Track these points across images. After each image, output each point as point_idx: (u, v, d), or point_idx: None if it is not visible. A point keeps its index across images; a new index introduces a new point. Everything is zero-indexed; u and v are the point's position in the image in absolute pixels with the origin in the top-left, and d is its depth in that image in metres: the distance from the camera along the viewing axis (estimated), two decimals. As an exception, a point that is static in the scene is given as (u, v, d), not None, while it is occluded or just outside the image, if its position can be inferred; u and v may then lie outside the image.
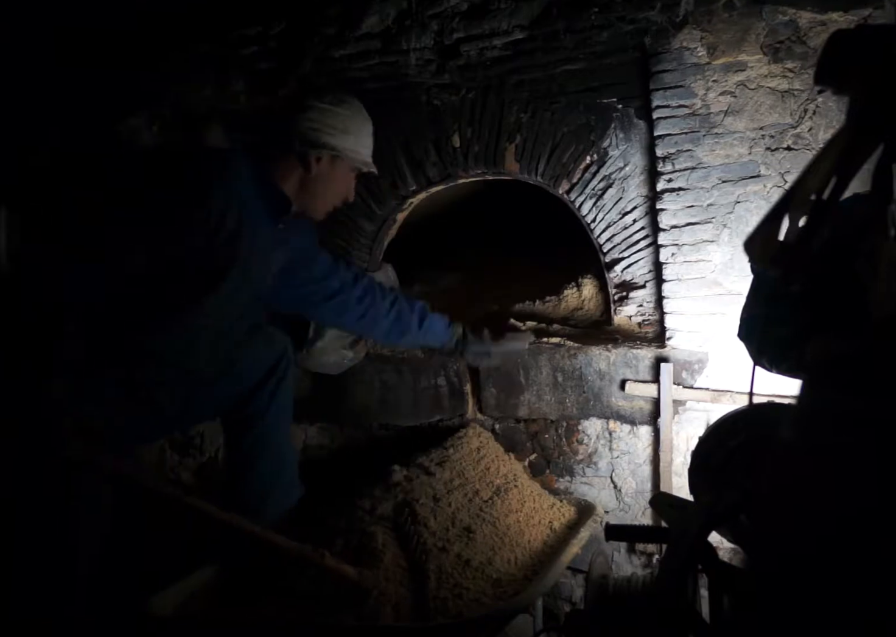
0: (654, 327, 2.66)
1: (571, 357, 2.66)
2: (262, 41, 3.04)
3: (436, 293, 3.39)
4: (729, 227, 2.44)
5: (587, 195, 2.68)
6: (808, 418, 0.77)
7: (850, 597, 0.66)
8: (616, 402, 2.62)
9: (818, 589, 0.68)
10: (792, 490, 0.75)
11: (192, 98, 3.20)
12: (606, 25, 2.51)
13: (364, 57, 2.86)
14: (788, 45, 2.34)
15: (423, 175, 2.92)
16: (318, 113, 2.07)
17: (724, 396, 2.44)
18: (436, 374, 2.86)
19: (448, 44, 2.73)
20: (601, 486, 2.69)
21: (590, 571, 1.60)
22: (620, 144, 2.61)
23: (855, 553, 0.66)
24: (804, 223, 0.88)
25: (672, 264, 2.54)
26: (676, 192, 2.50)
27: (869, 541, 0.65)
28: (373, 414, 2.97)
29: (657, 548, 2.50)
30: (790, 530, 0.73)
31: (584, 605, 1.56)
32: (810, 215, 0.88)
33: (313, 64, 2.96)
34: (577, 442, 2.70)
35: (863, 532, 0.66)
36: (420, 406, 2.90)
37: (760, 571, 0.78)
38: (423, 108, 2.87)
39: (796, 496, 0.74)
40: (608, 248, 2.70)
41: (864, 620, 0.65)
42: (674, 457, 2.52)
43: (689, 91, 2.45)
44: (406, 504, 2.23)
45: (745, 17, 2.37)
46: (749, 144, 2.40)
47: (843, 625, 0.66)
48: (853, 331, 0.85)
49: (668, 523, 1.47)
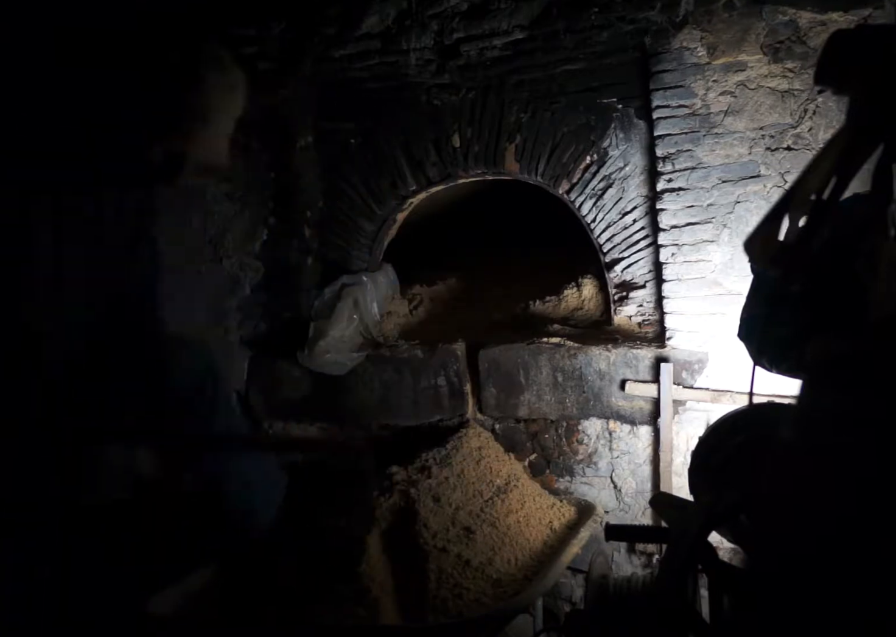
0: (654, 327, 2.66)
1: (571, 357, 2.66)
2: (262, 41, 3.04)
3: (436, 293, 3.39)
4: (729, 227, 2.44)
5: (587, 195, 2.68)
6: (808, 418, 0.77)
7: (849, 597, 0.66)
8: (616, 402, 2.62)
9: (817, 589, 0.68)
10: (791, 490, 0.75)
11: (192, 98, 3.20)
12: (606, 25, 2.51)
13: (364, 57, 2.87)
14: (788, 45, 2.34)
15: (423, 175, 2.92)
16: None
17: (724, 396, 2.44)
18: (436, 374, 2.86)
19: (448, 44, 2.73)
20: (601, 486, 2.69)
21: (590, 571, 1.60)
22: (620, 144, 2.61)
23: (854, 553, 0.66)
24: (804, 223, 0.88)
25: (672, 264, 2.54)
26: (676, 192, 2.50)
27: (868, 541, 0.65)
28: (373, 414, 2.97)
29: (657, 548, 2.50)
30: (789, 530, 0.73)
31: (584, 605, 1.56)
32: (810, 215, 0.88)
33: (313, 64, 2.96)
34: (577, 442, 2.70)
35: (862, 532, 0.66)
36: (420, 406, 2.89)
37: (760, 572, 0.78)
38: (423, 108, 2.87)
39: (795, 496, 0.73)
40: (608, 248, 2.70)
41: (863, 620, 0.65)
42: (674, 457, 2.52)
43: (689, 91, 2.45)
44: (405, 504, 2.23)
45: (745, 17, 2.37)
46: (749, 144, 2.40)
47: (843, 625, 0.66)
48: (853, 331, 0.85)
49: (668, 523, 1.47)
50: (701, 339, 2.51)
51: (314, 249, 3.10)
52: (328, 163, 3.06)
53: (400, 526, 2.18)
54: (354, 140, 3.00)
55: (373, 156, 2.97)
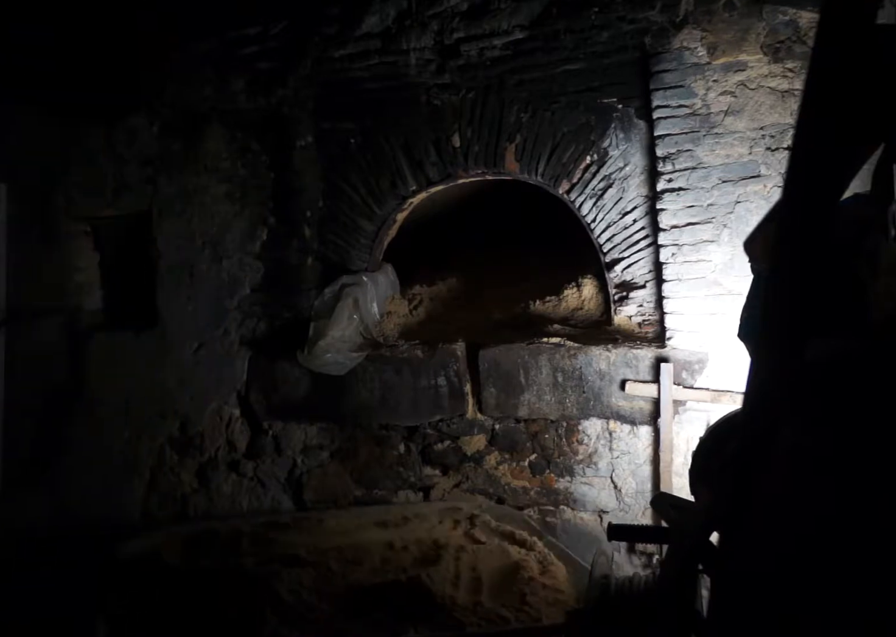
0: (654, 327, 2.66)
1: (571, 357, 2.66)
2: (262, 41, 3.04)
3: (436, 293, 3.39)
4: (729, 227, 2.44)
5: (587, 195, 2.68)
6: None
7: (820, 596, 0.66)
8: (616, 403, 2.62)
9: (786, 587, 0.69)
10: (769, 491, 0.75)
11: (192, 98, 3.20)
12: (606, 25, 2.51)
13: (364, 57, 2.87)
14: (788, 45, 2.34)
15: (423, 175, 2.91)
16: None
17: (724, 396, 2.44)
18: (436, 374, 2.86)
19: (448, 44, 2.73)
20: (601, 486, 2.69)
21: (591, 571, 1.60)
22: (620, 144, 2.61)
23: (821, 552, 0.67)
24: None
25: (672, 264, 2.54)
26: (677, 192, 2.49)
27: (833, 539, 0.66)
28: (373, 414, 2.97)
29: (657, 548, 2.50)
30: (773, 525, 0.74)
31: (585, 604, 1.56)
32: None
33: (313, 64, 2.96)
34: (578, 442, 2.70)
35: (830, 531, 0.67)
36: (420, 406, 2.89)
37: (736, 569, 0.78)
38: (423, 108, 2.87)
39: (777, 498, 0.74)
40: (608, 248, 2.70)
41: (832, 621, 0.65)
42: (674, 457, 2.52)
43: (690, 91, 2.45)
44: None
45: (745, 17, 2.37)
46: (749, 144, 2.40)
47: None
48: (853, 331, 0.85)
49: (669, 523, 1.47)
50: (701, 339, 2.51)
51: (314, 249, 3.10)
52: (328, 163, 3.06)
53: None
54: (354, 140, 3.00)
55: (373, 156, 2.97)
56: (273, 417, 3.13)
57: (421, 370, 2.87)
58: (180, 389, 3.26)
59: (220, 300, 3.20)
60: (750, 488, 0.82)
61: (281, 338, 3.09)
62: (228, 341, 3.19)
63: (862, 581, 0.64)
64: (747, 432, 0.86)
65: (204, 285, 3.22)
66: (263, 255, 3.14)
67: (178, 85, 3.21)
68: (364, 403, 2.97)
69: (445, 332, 3.03)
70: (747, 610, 0.74)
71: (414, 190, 2.96)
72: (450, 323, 3.14)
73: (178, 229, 3.24)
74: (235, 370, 3.17)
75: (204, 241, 3.21)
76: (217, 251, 3.20)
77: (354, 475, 3.03)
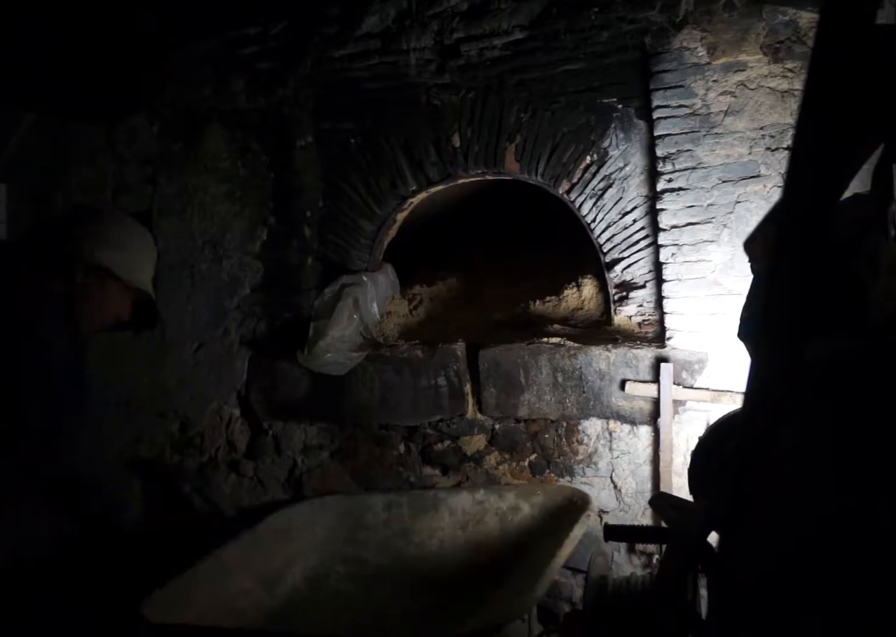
0: (654, 327, 2.66)
1: (571, 357, 2.66)
2: (262, 41, 3.04)
3: (436, 293, 3.38)
4: (729, 227, 2.44)
5: (587, 195, 2.68)
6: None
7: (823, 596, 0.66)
8: (616, 403, 2.62)
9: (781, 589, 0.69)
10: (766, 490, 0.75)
11: (192, 98, 3.20)
12: (606, 25, 2.51)
13: (364, 57, 2.87)
14: (788, 45, 2.34)
15: (423, 175, 2.91)
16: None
17: (724, 396, 2.44)
18: (436, 373, 2.86)
19: (448, 44, 2.73)
20: (601, 486, 2.69)
21: (589, 571, 1.60)
22: (620, 144, 2.61)
23: (821, 553, 0.67)
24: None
25: (672, 264, 2.54)
26: (676, 192, 2.49)
27: (832, 538, 0.66)
28: (373, 414, 2.97)
29: (657, 548, 2.50)
30: (770, 523, 0.74)
31: (584, 604, 1.56)
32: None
33: (313, 64, 2.96)
34: (577, 442, 2.70)
35: (828, 530, 0.67)
36: (420, 406, 2.89)
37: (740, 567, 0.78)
38: (423, 108, 2.87)
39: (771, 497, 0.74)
40: (608, 248, 2.70)
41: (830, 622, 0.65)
42: (674, 457, 2.52)
43: (690, 91, 2.45)
44: None
45: (745, 17, 2.37)
46: (749, 144, 2.40)
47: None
48: (853, 331, 0.85)
49: (668, 523, 1.47)
50: (701, 339, 2.51)
51: (314, 249, 3.10)
52: (328, 163, 3.06)
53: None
54: (354, 140, 3.00)
55: (372, 156, 2.97)
56: (273, 417, 3.13)
57: (421, 370, 2.87)
58: (180, 389, 3.26)
59: (220, 300, 3.20)
60: (749, 488, 0.82)
61: (281, 338, 3.09)
62: (228, 341, 3.19)
63: (862, 581, 0.64)
64: (747, 432, 0.86)
65: (204, 285, 3.22)
66: (263, 255, 3.14)
67: (178, 85, 3.21)
68: (364, 403, 2.97)
69: (445, 332, 3.02)
70: (746, 610, 0.74)
71: (414, 190, 2.96)
72: (450, 323, 3.14)
73: (178, 229, 3.24)
74: (235, 370, 3.17)
75: (204, 241, 3.21)
76: (217, 251, 3.20)
77: (354, 475, 3.03)
